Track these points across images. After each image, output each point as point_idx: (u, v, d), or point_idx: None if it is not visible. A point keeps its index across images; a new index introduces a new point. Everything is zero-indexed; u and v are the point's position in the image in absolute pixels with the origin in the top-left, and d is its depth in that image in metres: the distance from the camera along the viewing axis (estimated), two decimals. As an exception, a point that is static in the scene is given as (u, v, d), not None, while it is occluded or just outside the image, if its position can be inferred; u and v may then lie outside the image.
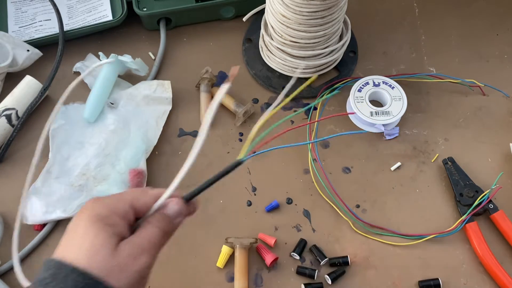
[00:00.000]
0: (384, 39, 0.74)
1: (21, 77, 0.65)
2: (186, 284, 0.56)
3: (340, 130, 0.66)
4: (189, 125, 0.66)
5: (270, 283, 0.56)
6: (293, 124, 0.66)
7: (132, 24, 0.73)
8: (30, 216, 0.57)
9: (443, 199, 0.61)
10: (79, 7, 0.73)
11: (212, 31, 0.74)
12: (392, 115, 0.64)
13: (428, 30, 0.75)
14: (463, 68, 0.71)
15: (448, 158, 0.62)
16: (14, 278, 0.56)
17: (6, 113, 0.62)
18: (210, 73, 0.67)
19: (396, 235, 0.59)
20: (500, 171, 0.62)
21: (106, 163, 0.61)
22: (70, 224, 0.37)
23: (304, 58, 0.65)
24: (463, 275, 0.57)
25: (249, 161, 0.64)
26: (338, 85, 0.68)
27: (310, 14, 0.58)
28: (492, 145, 0.65)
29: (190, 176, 0.63)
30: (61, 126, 0.63)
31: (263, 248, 0.57)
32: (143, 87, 0.66)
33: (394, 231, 0.59)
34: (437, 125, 0.66)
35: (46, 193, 0.59)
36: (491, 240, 0.58)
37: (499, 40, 0.74)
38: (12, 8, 0.74)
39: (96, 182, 0.59)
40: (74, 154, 0.62)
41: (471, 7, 0.77)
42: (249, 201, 0.61)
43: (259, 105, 0.68)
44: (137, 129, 0.63)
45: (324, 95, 0.67)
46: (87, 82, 0.67)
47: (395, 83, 0.66)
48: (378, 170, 0.63)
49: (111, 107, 0.65)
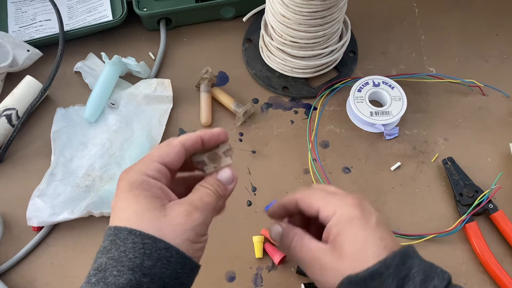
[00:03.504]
0: (384, 39, 0.74)
1: (21, 77, 0.65)
2: (186, 284, 0.56)
3: (340, 130, 0.66)
4: (189, 125, 0.66)
5: (270, 283, 0.56)
6: (293, 124, 0.66)
7: (132, 24, 0.73)
8: (35, 218, 0.57)
9: (442, 199, 0.61)
10: (79, 7, 0.73)
11: (212, 31, 0.74)
12: (392, 115, 0.64)
13: (428, 30, 0.75)
14: (462, 68, 0.71)
15: (448, 158, 0.62)
16: (14, 278, 0.56)
17: (6, 113, 0.62)
18: (210, 73, 0.67)
19: (396, 235, 0.59)
20: (500, 171, 0.62)
21: (111, 162, 0.61)
22: (112, 202, 0.37)
23: (304, 58, 0.65)
24: (463, 275, 0.57)
25: (249, 161, 0.64)
26: (338, 85, 0.68)
27: (310, 14, 0.58)
28: (492, 145, 0.65)
29: (190, 176, 0.64)
30: (62, 129, 0.63)
31: (270, 247, 0.57)
32: (143, 86, 0.66)
33: (394, 231, 0.59)
34: (437, 125, 0.67)
35: (52, 195, 0.59)
36: (490, 240, 0.58)
37: (499, 40, 0.74)
38: (12, 8, 0.74)
39: (103, 182, 0.59)
40: (77, 156, 0.62)
41: (471, 7, 0.77)
42: (249, 201, 0.61)
43: (259, 105, 0.68)
44: (140, 128, 0.63)
45: (324, 95, 0.68)
46: (88, 83, 0.67)
47: (395, 83, 0.66)
48: (378, 170, 0.63)
49: (112, 108, 0.65)
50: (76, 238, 0.58)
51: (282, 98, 0.68)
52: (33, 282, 0.56)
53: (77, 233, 0.59)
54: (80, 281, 0.55)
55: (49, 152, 0.62)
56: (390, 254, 0.37)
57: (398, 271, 0.36)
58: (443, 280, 0.37)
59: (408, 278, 0.36)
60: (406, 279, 0.36)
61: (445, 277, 0.37)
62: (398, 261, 0.37)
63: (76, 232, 0.59)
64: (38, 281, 0.56)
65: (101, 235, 0.59)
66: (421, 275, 0.36)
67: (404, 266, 0.37)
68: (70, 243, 0.58)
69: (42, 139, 0.64)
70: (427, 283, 0.36)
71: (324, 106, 0.68)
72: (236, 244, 0.58)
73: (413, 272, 0.37)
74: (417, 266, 0.37)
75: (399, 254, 0.37)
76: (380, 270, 0.36)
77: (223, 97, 0.66)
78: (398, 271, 0.36)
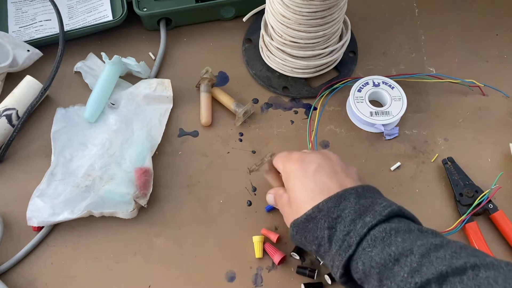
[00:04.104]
0: (384, 39, 0.74)
1: (21, 77, 0.65)
2: (186, 283, 0.56)
3: (340, 130, 0.66)
4: (189, 125, 0.66)
5: (270, 283, 0.56)
6: (293, 124, 0.66)
7: (132, 24, 0.73)
8: (35, 218, 0.57)
9: (442, 199, 0.61)
10: (79, 7, 0.73)
11: (212, 31, 0.74)
12: (392, 115, 0.64)
13: (428, 30, 0.75)
14: (462, 68, 0.71)
15: (448, 158, 0.62)
16: (14, 278, 0.56)
17: (7, 113, 0.63)
18: (210, 73, 0.67)
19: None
20: (500, 171, 0.62)
21: (111, 162, 0.61)
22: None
23: (304, 58, 0.65)
24: (463, 275, 0.57)
25: (249, 161, 0.64)
26: (338, 85, 0.68)
27: (310, 14, 0.58)
28: (492, 145, 0.65)
29: (191, 176, 0.64)
30: (62, 129, 0.63)
31: (270, 247, 0.57)
32: (143, 86, 0.66)
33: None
34: (437, 125, 0.67)
35: (52, 195, 0.59)
36: (490, 240, 0.58)
37: (499, 40, 0.74)
38: (12, 8, 0.74)
39: (103, 182, 0.59)
40: (77, 156, 0.62)
41: (471, 8, 0.77)
42: (249, 201, 0.61)
43: (259, 105, 0.68)
44: (140, 128, 0.63)
45: (324, 95, 0.68)
46: (88, 83, 0.67)
47: (395, 83, 0.66)
48: (378, 170, 0.63)
49: (112, 108, 0.65)
50: (76, 238, 0.58)
51: (282, 98, 0.69)
52: (33, 282, 0.56)
53: (77, 233, 0.59)
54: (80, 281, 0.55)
55: (49, 152, 0.62)
56: (326, 198, 0.42)
57: (330, 212, 0.41)
58: (377, 216, 0.39)
59: (340, 218, 0.41)
60: (338, 219, 0.41)
61: (382, 213, 0.40)
62: (331, 203, 0.42)
63: (76, 232, 0.59)
64: (38, 281, 0.56)
65: (101, 235, 0.59)
66: (352, 215, 0.40)
67: (337, 208, 0.41)
68: (70, 243, 0.58)
69: (42, 139, 0.64)
70: (357, 221, 0.40)
71: (324, 106, 0.68)
72: (236, 244, 0.58)
73: (346, 213, 0.41)
74: (351, 207, 0.41)
75: (334, 197, 0.42)
76: (313, 214, 0.42)
77: (223, 97, 0.67)
78: (330, 212, 0.41)
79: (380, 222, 0.40)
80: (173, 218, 0.60)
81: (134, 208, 0.58)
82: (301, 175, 0.46)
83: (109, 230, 0.59)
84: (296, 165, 0.47)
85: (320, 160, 0.47)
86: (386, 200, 0.43)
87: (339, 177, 0.46)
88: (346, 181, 0.45)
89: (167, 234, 0.59)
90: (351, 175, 0.48)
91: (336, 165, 0.47)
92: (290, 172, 0.47)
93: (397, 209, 0.41)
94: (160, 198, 0.61)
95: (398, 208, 0.42)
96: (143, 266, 0.57)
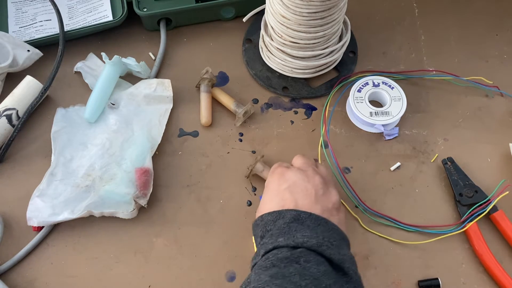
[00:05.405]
0: (384, 39, 0.74)
1: (21, 77, 0.65)
2: (186, 283, 0.56)
3: (340, 130, 0.66)
4: (189, 125, 0.66)
5: (270, 283, 0.56)
6: (293, 124, 0.66)
7: (133, 24, 0.73)
8: (35, 218, 0.57)
9: (442, 199, 0.61)
10: (80, 8, 0.73)
11: (212, 31, 0.74)
12: (392, 115, 0.64)
13: (428, 30, 0.75)
14: (462, 68, 0.71)
15: (448, 158, 0.62)
16: (14, 278, 0.56)
17: (7, 113, 0.63)
18: (210, 73, 0.67)
19: (400, 225, 0.59)
20: (499, 171, 0.62)
21: (111, 162, 0.61)
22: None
23: (304, 59, 0.65)
24: (463, 275, 0.57)
25: (249, 161, 0.64)
26: (338, 85, 0.68)
27: (310, 15, 0.58)
28: (492, 145, 0.65)
29: (191, 176, 0.64)
30: (62, 129, 0.63)
31: None
32: (143, 86, 0.66)
33: (396, 218, 0.59)
34: (437, 125, 0.67)
35: (52, 195, 0.59)
36: (490, 240, 0.58)
37: (499, 40, 0.74)
38: (12, 8, 0.74)
39: (103, 182, 0.59)
40: (77, 156, 0.62)
41: (471, 8, 0.77)
42: (249, 201, 0.61)
43: (259, 105, 0.68)
44: (140, 128, 0.63)
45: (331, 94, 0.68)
46: (88, 83, 0.67)
47: (395, 83, 0.66)
48: (378, 170, 0.63)
49: (112, 108, 0.65)
50: (76, 238, 0.58)
51: (282, 98, 0.69)
52: (33, 282, 0.56)
53: (77, 233, 0.59)
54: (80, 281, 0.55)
55: (49, 152, 0.62)
56: (271, 211, 0.49)
57: (267, 225, 0.48)
58: (288, 240, 0.44)
59: (269, 232, 0.47)
60: (267, 233, 0.47)
61: (294, 239, 0.44)
62: (271, 218, 0.48)
63: (76, 232, 0.59)
64: (38, 281, 0.56)
65: (101, 235, 0.59)
66: (275, 232, 0.46)
67: (272, 223, 0.48)
68: (70, 243, 0.58)
69: (42, 139, 0.64)
70: (270, 238, 0.46)
71: (325, 106, 0.68)
72: (236, 244, 0.58)
73: (274, 229, 0.47)
74: (279, 225, 0.47)
75: (275, 213, 0.48)
76: (258, 221, 0.50)
77: (223, 97, 0.67)
78: (267, 225, 0.48)
79: (282, 247, 0.44)
80: (173, 218, 0.60)
81: (134, 208, 0.58)
82: (273, 189, 0.51)
83: (109, 230, 0.59)
84: (274, 178, 0.53)
85: (298, 179, 0.51)
86: (322, 235, 0.45)
87: (304, 198, 0.49)
88: (309, 204, 0.49)
89: (167, 234, 0.59)
90: (325, 201, 0.50)
91: (313, 188, 0.50)
92: (268, 183, 0.53)
93: (315, 244, 0.44)
94: (160, 198, 0.61)
95: (318, 244, 0.44)
96: (143, 266, 0.57)
